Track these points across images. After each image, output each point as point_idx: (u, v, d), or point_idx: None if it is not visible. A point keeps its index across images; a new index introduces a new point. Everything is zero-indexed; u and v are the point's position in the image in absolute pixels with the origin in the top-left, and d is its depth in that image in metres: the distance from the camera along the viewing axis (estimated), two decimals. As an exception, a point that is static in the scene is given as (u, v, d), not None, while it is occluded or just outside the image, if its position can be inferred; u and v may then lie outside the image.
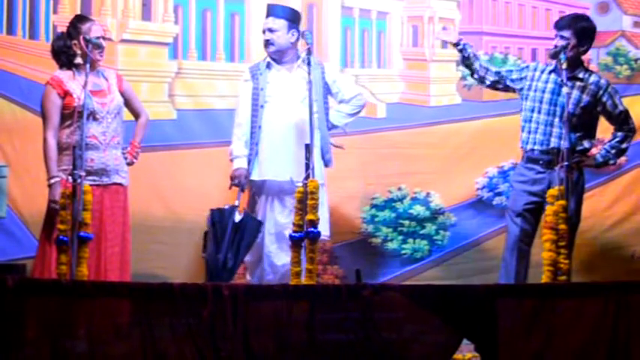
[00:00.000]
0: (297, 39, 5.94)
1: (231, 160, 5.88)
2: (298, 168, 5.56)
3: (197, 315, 4.31)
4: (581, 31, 5.67)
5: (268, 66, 5.93)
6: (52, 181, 5.34)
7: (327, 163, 5.91)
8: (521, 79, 5.83)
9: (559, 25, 5.73)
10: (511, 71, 5.89)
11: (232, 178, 5.84)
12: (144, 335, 4.28)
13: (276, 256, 5.83)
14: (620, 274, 6.73)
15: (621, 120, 5.75)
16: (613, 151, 5.78)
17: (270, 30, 5.89)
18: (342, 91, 6.01)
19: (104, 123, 5.42)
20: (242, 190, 5.82)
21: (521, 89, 5.81)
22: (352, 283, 5.99)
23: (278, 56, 5.92)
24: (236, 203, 5.70)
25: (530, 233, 5.73)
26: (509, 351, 4.42)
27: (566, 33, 5.66)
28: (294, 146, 5.75)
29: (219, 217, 5.63)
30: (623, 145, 5.78)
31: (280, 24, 5.87)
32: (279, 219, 5.83)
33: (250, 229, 5.64)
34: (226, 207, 5.68)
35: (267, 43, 5.91)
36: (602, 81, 5.77)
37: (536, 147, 5.72)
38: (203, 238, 5.66)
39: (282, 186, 5.80)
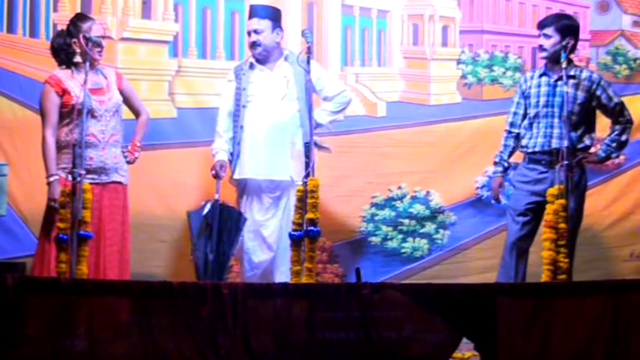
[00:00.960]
0: (282, 37, 5.96)
1: (214, 156, 5.92)
2: (278, 166, 5.73)
3: (196, 313, 4.31)
4: (563, 28, 5.68)
5: (251, 66, 5.95)
6: (51, 179, 5.35)
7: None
8: (525, 98, 5.83)
9: (542, 24, 5.76)
10: (516, 114, 5.88)
11: (211, 170, 5.88)
12: (143, 334, 4.28)
13: (254, 253, 5.88)
14: (619, 273, 6.74)
15: (617, 112, 5.76)
16: (614, 145, 5.78)
17: (256, 31, 5.90)
18: (326, 89, 5.99)
19: (102, 121, 5.42)
20: (219, 179, 5.81)
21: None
22: (352, 282, 5.99)
23: (264, 57, 5.93)
24: (216, 197, 5.70)
25: (531, 233, 5.74)
26: (509, 350, 4.42)
27: (549, 30, 5.68)
28: (273, 145, 5.81)
29: (193, 217, 5.63)
30: (623, 138, 5.79)
31: (265, 24, 5.89)
32: (256, 217, 5.87)
33: (226, 218, 5.62)
34: (202, 204, 5.68)
35: (254, 45, 5.92)
36: (595, 75, 5.80)
37: (537, 149, 5.73)
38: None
39: (260, 184, 5.86)
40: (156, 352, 4.26)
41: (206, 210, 5.61)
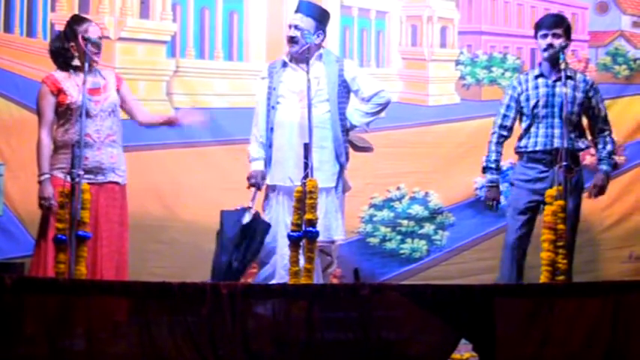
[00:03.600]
0: (323, 39, 5.67)
1: (250, 162, 5.67)
2: (303, 172, 5.25)
3: (196, 314, 4.31)
4: (568, 29, 5.72)
5: (284, 65, 5.65)
6: (42, 177, 5.33)
7: (342, 165, 5.69)
8: (518, 102, 5.80)
9: (550, 24, 5.72)
10: (507, 116, 5.83)
11: (249, 178, 5.61)
12: (142, 334, 4.28)
13: None
14: (618, 274, 6.74)
15: (603, 118, 5.79)
16: (611, 158, 5.80)
17: (297, 27, 5.56)
18: (362, 89, 5.65)
19: (97, 121, 5.39)
20: (258, 189, 5.58)
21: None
22: (351, 283, 5.98)
23: (299, 55, 5.58)
24: (250, 204, 5.48)
25: (529, 232, 5.74)
26: (507, 351, 4.42)
27: (561, 30, 5.69)
28: (300, 149, 5.37)
29: (227, 219, 5.42)
30: (612, 148, 5.80)
31: (307, 23, 5.57)
32: (288, 221, 5.44)
33: (259, 231, 5.43)
34: (239, 208, 5.46)
35: (291, 41, 5.57)
36: (589, 78, 5.86)
37: (538, 148, 5.72)
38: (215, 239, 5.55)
39: (290, 188, 5.47)
40: (155, 353, 4.26)
41: (246, 220, 5.39)
